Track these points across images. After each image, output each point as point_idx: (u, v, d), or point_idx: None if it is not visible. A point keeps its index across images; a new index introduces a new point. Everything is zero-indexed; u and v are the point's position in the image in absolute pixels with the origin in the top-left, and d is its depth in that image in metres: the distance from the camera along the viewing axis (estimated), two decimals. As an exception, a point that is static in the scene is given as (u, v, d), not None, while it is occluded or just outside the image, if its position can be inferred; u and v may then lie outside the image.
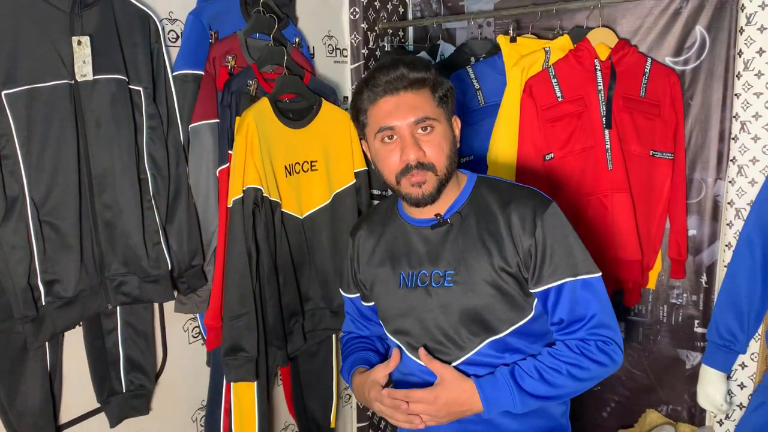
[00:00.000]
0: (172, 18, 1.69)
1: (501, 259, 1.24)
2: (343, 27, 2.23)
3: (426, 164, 1.23)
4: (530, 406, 1.23)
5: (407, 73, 1.23)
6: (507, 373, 1.23)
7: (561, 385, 1.22)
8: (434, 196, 1.25)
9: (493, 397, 1.22)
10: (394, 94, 1.24)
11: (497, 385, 1.22)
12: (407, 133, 1.23)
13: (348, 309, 1.57)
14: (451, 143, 1.27)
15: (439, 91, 1.26)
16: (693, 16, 1.92)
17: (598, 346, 1.23)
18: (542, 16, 2.03)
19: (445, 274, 1.28)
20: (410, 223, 1.35)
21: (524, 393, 1.21)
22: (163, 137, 1.59)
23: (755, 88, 1.72)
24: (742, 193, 1.76)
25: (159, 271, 1.55)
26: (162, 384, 1.77)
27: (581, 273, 1.24)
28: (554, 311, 1.25)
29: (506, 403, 1.21)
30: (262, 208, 1.69)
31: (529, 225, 1.23)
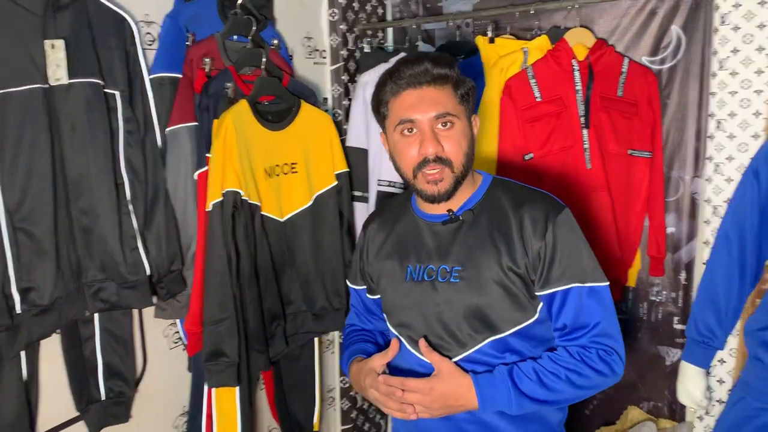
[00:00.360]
0: (148, 20, 1.68)
1: (509, 259, 1.24)
2: (322, 28, 2.23)
3: (444, 159, 1.23)
4: (525, 408, 1.22)
5: (431, 68, 1.24)
6: (505, 372, 1.22)
7: (559, 390, 1.22)
8: (450, 193, 1.26)
9: (489, 395, 1.21)
10: (417, 88, 1.24)
11: (494, 383, 1.22)
12: (427, 127, 1.23)
13: (353, 302, 1.57)
14: (470, 141, 1.28)
15: (461, 89, 1.27)
16: (669, 16, 1.94)
17: (600, 355, 1.23)
18: (520, 16, 2.03)
19: (452, 269, 1.28)
20: (422, 217, 1.35)
21: (521, 394, 1.21)
22: (140, 141, 1.57)
23: (730, 87, 1.74)
24: (719, 190, 1.78)
25: (137, 276, 1.54)
26: (142, 391, 1.75)
27: (589, 280, 1.24)
28: (558, 316, 1.25)
29: (502, 403, 1.21)
30: (241, 212, 1.68)
31: (540, 227, 1.23)
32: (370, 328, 1.55)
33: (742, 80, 1.72)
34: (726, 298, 1.65)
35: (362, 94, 2.18)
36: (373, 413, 2.60)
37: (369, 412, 2.57)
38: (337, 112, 2.27)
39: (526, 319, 1.26)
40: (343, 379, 2.41)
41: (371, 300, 1.49)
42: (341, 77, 2.25)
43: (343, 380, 2.41)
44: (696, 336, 1.69)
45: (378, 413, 2.63)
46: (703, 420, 1.90)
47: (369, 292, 1.48)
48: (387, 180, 2.15)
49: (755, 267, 1.65)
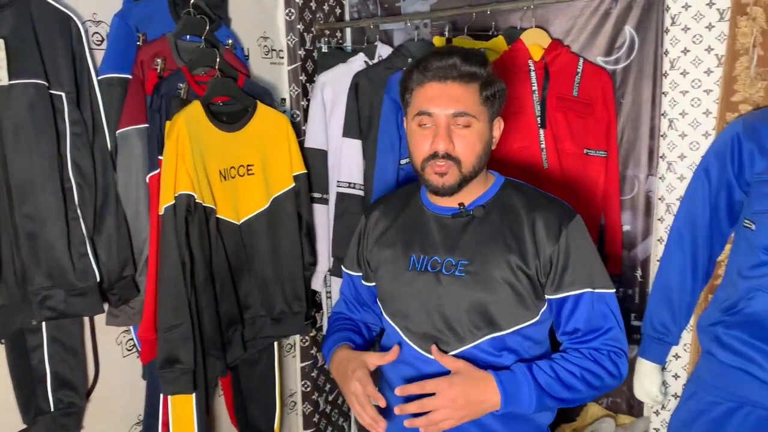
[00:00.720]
0: (96, 20, 1.63)
1: (520, 259, 1.25)
2: (278, 28, 2.20)
3: (453, 157, 1.23)
4: (545, 406, 1.21)
5: (460, 64, 1.23)
6: (524, 369, 1.21)
7: (576, 388, 1.22)
8: (454, 189, 1.26)
9: (512, 393, 1.18)
10: (442, 82, 1.24)
11: (516, 380, 1.20)
12: (443, 123, 1.23)
13: (344, 289, 1.56)
14: (485, 144, 1.28)
15: (488, 90, 1.26)
16: (622, 16, 1.96)
17: (611, 357, 1.25)
18: (477, 17, 2.04)
19: (458, 263, 1.28)
20: (431, 209, 1.35)
21: (542, 391, 1.20)
22: (88, 144, 1.53)
23: (681, 87, 1.77)
24: (672, 188, 1.81)
25: (87, 283, 1.49)
26: (94, 401, 1.70)
27: (599, 287, 1.26)
28: (569, 320, 1.27)
29: (524, 400, 1.19)
30: (195, 215, 1.64)
31: (554, 232, 1.24)
32: (357, 318, 1.54)
33: (693, 80, 1.76)
34: (679, 294, 1.68)
35: (321, 94, 2.16)
36: (335, 416, 2.58)
37: (332, 415, 2.55)
38: (295, 113, 2.24)
39: (527, 320, 1.27)
40: (305, 382, 2.38)
41: (365, 288, 1.48)
42: (299, 77, 2.23)
43: (305, 384, 2.39)
44: (651, 332, 1.72)
45: (341, 416, 2.61)
46: (659, 415, 1.93)
47: (364, 279, 1.47)
48: (346, 181, 2.14)
49: (707, 263, 1.67)
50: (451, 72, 1.23)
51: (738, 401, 1.50)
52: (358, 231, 1.49)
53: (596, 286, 1.26)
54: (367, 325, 1.55)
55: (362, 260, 1.46)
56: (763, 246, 1.44)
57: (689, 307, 1.70)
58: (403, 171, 2.09)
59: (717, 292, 1.63)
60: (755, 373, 1.45)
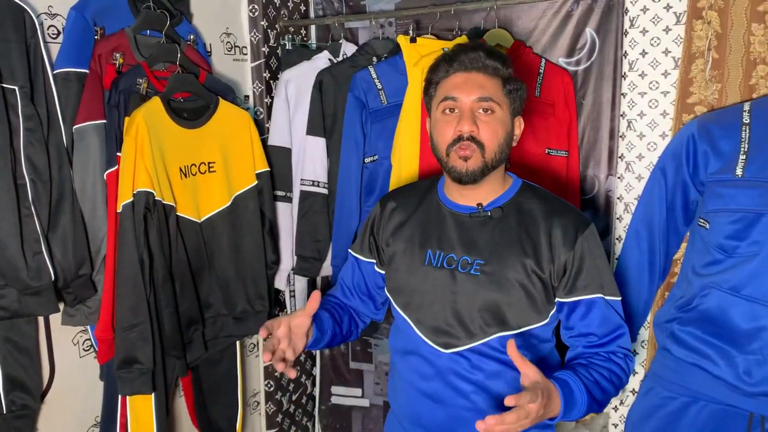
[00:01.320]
0: (51, 12, 1.59)
1: (535, 263, 1.27)
2: (242, 24, 2.18)
3: (477, 140, 1.25)
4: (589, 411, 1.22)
5: (484, 57, 1.28)
6: (572, 375, 1.21)
7: (608, 391, 1.26)
8: (476, 176, 1.27)
9: (570, 402, 1.17)
10: (467, 72, 1.28)
11: (571, 388, 1.19)
12: (467, 108, 1.26)
13: (344, 274, 1.56)
14: (507, 134, 1.30)
15: (510, 85, 1.30)
16: (583, 18, 1.99)
17: (626, 360, 1.30)
18: (441, 16, 2.05)
19: (473, 262, 1.30)
20: (448, 207, 1.37)
21: (590, 396, 1.21)
22: (43, 139, 1.48)
23: (639, 88, 1.81)
24: (630, 188, 1.85)
25: (40, 282, 1.45)
26: (49, 402, 1.65)
27: (608, 294, 1.30)
28: (583, 323, 1.30)
29: (576, 408, 1.18)
30: (154, 213, 1.62)
31: (570, 239, 1.27)
32: (351, 305, 1.54)
33: (651, 81, 1.79)
34: (637, 291, 1.71)
35: (284, 91, 2.15)
36: (299, 416, 2.57)
37: (295, 415, 2.54)
38: (258, 110, 2.22)
39: (537, 322, 1.30)
40: (268, 382, 2.37)
41: (378, 274, 1.49)
42: (263, 74, 2.21)
43: (268, 383, 2.37)
44: (609, 329, 1.75)
45: (305, 416, 2.60)
46: (618, 410, 1.96)
47: (378, 266, 1.49)
48: (310, 179, 2.13)
49: (664, 261, 1.72)
50: (476, 63, 1.28)
51: (692, 396, 1.53)
52: (371, 218, 1.50)
53: (607, 293, 1.30)
54: (355, 314, 1.54)
55: (375, 247, 1.48)
56: (717, 244, 1.48)
57: (646, 304, 1.73)
58: (368, 169, 2.09)
59: (673, 289, 1.67)
60: (708, 369, 1.49)
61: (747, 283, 1.42)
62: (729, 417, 1.48)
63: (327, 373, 2.53)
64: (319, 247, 2.16)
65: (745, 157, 1.46)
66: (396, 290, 1.41)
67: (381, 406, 2.47)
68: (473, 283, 1.29)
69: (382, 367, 2.44)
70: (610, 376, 1.26)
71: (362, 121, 2.04)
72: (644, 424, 1.63)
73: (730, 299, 1.45)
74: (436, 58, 1.36)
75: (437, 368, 1.33)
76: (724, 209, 1.47)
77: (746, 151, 1.46)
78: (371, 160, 2.10)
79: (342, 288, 1.56)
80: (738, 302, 1.43)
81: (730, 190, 1.46)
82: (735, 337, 1.44)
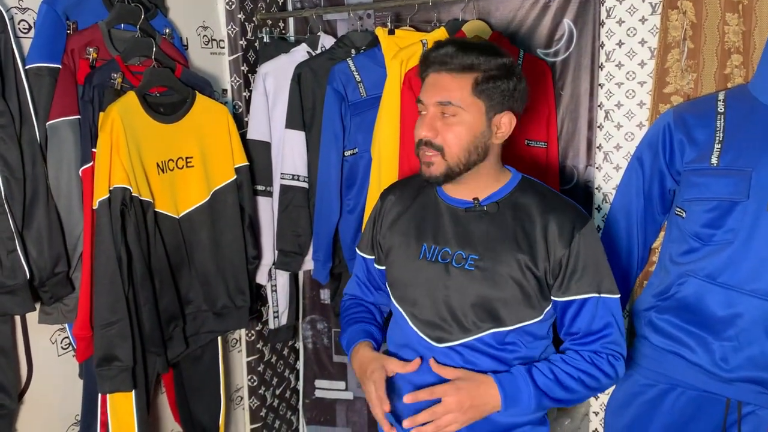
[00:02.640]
0: (22, 7, 1.56)
1: (530, 259, 1.26)
2: (218, 17, 2.15)
3: (435, 145, 1.25)
4: (543, 406, 1.25)
5: (455, 54, 1.24)
6: (524, 371, 1.25)
7: (573, 390, 1.26)
8: (439, 180, 1.28)
9: (512, 393, 1.23)
10: (437, 72, 1.27)
11: (516, 381, 1.24)
12: (430, 112, 1.27)
13: (357, 271, 1.57)
14: (476, 136, 1.26)
15: (487, 83, 1.23)
16: (561, 9, 1.99)
17: (609, 360, 1.29)
18: (420, 8, 2.04)
19: (468, 257, 1.29)
20: (445, 200, 1.36)
21: (540, 392, 1.24)
22: (15, 136, 1.47)
23: (617, 79, 1.82)
24: (608, 178, 1.86)
25: (15, 281, 1.44)
26: (28, 402, 1.64)
27: (605, 292, 1.29)
28: (573, 322, 1.30)
29: (523, 401, 1.23)
30: (131, 209, 1.60)
31: (566, 235, 1.26)
32: (370, 301, 1.55)
33: (627, 72, 1.80)
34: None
35: (263, 84, 2.13)
36: (283, 410, 2.56)
37: (279, 409, 2.54)
38: (237, 104, 2.20)
39: (531, 318, 1.30)
40: (251, 377, 2.36)
41: (378, 271, 1.49)
42: (240, 68, 2.19)
43: (251, 378, 2.36)
44: (589, 318, 1.76)
45: (289, 410, 2.60)
46: (598, 398, 1.98)
47: (376, 262, 1.49)
48: (290, 173, 2.12)
49: (642, 250, 1.73)
50: (444, 62, 1.25)
51: (670, 383, 1.55)
52: (373, 214, 1.49)
53: (602, 291, 1.29)
54: (379, 308, 1.57)
55: (374, 243, 1.48)
56: (693, 233, 1.50)
57: (625, 293, 1.74)
58: (348, 163, 2.08)
59: (651, 278, 1.68)
60: (686, 356, 1.51)
61: (722, 271, 1.44)
62: (706, 403, 1.51)
63: (310, 367, 2.53)
64: (300, 241, 2.15)
65: (720, 146, 1.47)
66: (392, 283, 1.42)
67: (364, 399, 2.47)
68: (466, 278, 1.29)
69: (366, 360, 2.44)
70: (579, 376, 1.27)
71: (341, 114, 2.04)
72: (623, 412, 1.65)
73: (706, 287, 1.46)
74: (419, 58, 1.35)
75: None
76: (699, 198, 1.48)
77: (721, 140, 1.47)
78: (351, 153, 2.09)
79: (359, 285, 1.57)
80: (714, 290, 1.45)
81: (706, 179, 1.47)
82: (711, 324, 1.46)
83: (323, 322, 2.48)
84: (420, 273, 1.34)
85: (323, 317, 2.47)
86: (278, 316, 2.30)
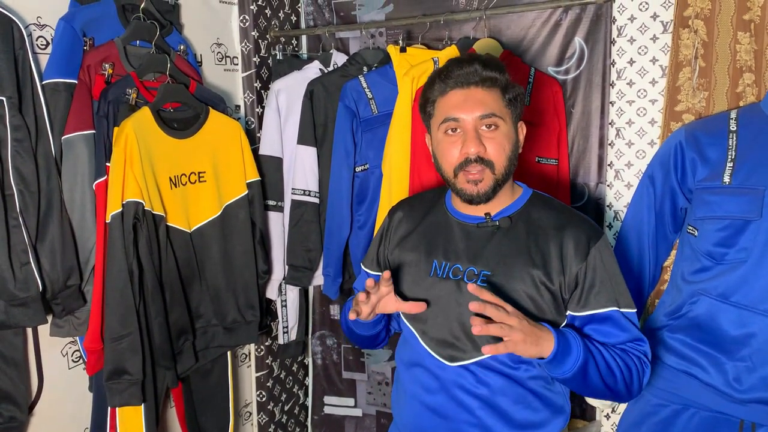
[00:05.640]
0: (40, 23, 1.59)
1: (544, 275, 1.24)
2: (232, 35, 2.18)
3: (485, 160, 1.23)
4: (585, 371, 1.18)
5: (480, 69, 1.25)
6: (575, 333, 1.21)
7: (612, 370, 1.21)
8: (489, 195, 1.26)
9: (563, 341, 1.16)
10: (465, 88, 1.25)
11: (566, 334, 1.19)
12: (471, 127, 1.24)
13: (356, 286, 1.55)
14: (513, 145, 1.28)
15: (509, 93, 1.27)
16: (572, 27, 2.00)
17: (641, 361, 1.26)
18: (431, 26, 2.06)
19: (480, 273, 1.27)
20: (455, 216, 1.34)
21: (588, 353, 1.19)
22: (31, 150, 1.48)
23: (628, 96, 1.82)
24: (620, 196, 1.85)
25: (28, 293, 1.45)
26: (39, 414, 1.64)
27: (624, 306, 1.26)
28: (597, 335, 1.26)
29: (571, 356, 1.17)
30: (143, 223, 1.61)
31: (582, 250, 1.24)
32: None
33: (639, 90, 1.80)
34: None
35: (275, 101, 2.15)
36: (292, 426, 2.55)
37: (288, 425, 2.53)
38: (250, 120, 2.23)
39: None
40: (260, 392, 2.36)
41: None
42: (254, 84, 2.21)
43: (260, 394, 2.36)
44: (600, 337, 1.75)
45: (297, 426, 2.59)
46: (609, 418, 1.96)
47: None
48: (301, 189, 2.13)
49: (653, 269, 1.72)
50: (473, 77, 1.25)
51: (683, 403, 1.53)
52: (381, 230, 1.48)
53: (622, 305, 1.26)
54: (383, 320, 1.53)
55: (382, 260, 1.46)
56: (706, 251, 1.49)
57: (637, 311, 1.73)
58: (359, 178, 2.09)
59: (663, 296, 1.67)
60: (699, 376, 1.49)
61: (736, 290, 1.43)
62: (719, 424, 1.48)
63: (320, 383, 2.52)
64: (310, 256, 2.16)
65: (732, 165, 1.46)
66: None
67: (374, 416, 2.46)
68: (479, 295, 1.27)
69: (375, 377, 2.43)
70: (619, 361, 1.22)
71: (353, 130, 2.05)
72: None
73: (719, 306, 1.45)
74: (430, 75, 1.33)
75: (442, 381, 1.30)
76: (711, 216, 1.47)
77: (733, 158, 1.47)
78: (362, 169, 2.10)
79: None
80: (727, 309, 1.44)
81: (718, 197, 1.47)
82: (724, 344, 1.44)
83: (333, 337, 2.47)
84: (431, 290, 1.31)
85: (333, 333, 2.47)
86: (288, 332, 2.30)
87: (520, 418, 1.28)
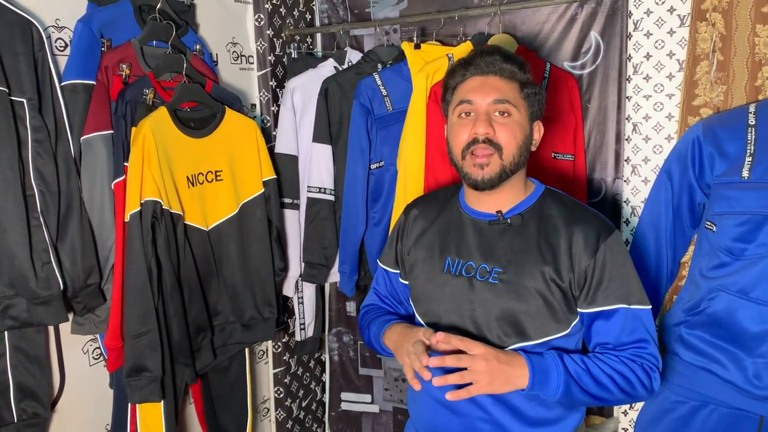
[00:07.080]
0: (59, 25, 1.61)
1: (554, 271, 1.24)
2: (248, 34, 2.19)
3: (494, 143, 1.24)
4: (571, 396, 1.19)
5: (501, 61, 1.28)
6: (554, 354, 1.21)
7: (605, 386, 1.21)
8: (494, 182, 1.25)
9: (540, 371, 1.17)
10: (483, 75, 1.28)
11: (545, 361, 1.20)
12: (483, 110, 1.26)
13: (377, 285, 1.56)
14: (526, 137, 1.29)
15: (527, 89, 1.29)
16: (588, 22, 1.98)
17: (644, 367, 1.24)
18: (445, 23, 2.06)
19: (492, 270, 1.28)
20: (468, 213, 1.35)
21: (570, 378, 1.19)
22: (51, 150, 1.51)
23: (644, 91, 1.80)
24: (637, 191, 1.84)
25: (50, 291, 1.47)
26: (61, 410, 1.67)
27: (634, 303, 1.25)
28: (599, 334, 1.26)
29: (551, 383, 1.18)
30: (162, 222, 1.63)
31: (591, 246, 1.23)
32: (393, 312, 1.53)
33: (655, 84, 1.79)
34: (644, 295, 1.70)
35: (290, 99, 2.16)
36: (309, 422, 2.57)
37: (305, 421, 2.54)
38: (265, 119, 2.24)
39: (558, 332, 1.26)
40: (278, 389, 2.37)
41: (402, 285, 1.48)
42: (269, 83, 2.23)
43: (278, 390, 2.37)
44: (617, 333, 1.74)
45: (315, 422, 2.60)
46: (627, 415, 1.95)
47: (402, 277, 1.48)
48: (317, 186, 2.14)
49: (671, 264, 1.70)
50: (492, 67, 1.28)
51: (702, 400, 1.52)
52: (397, 228, 1.49)
53: (632, 302, 1.24)
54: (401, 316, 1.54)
55: (399, 257, 1.47)
56: (724, 247, 1.47)
57: (655, 307, 1.72)
58: (374, 176, 2.09)
59: (680, 292, 1.66)
60: (717, 372, 1.48)
61: (755, 286, 1.41)
62: (739, 421, 1.47)
63: (336, 380, 2.53)
64: (326, 253, 2.17)
65: (752, 159, 1.45)
66: (416, 298, 1.40)
67: (390, 412, 2.47)
68: (491, 292, 1.27)
69: (392, 373, 2.44)
70: (612, 374, 1.21)
71: (368, 127, 2.05)
72: (654, 428, 1.62)
73: (738, 302, 1.44)
74: (452, 64, 1.35)
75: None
76: (730, 212, 1.46)
77: (752, 153, 1.45)
78: (377, 167, 2.11)
79: (379, 298, 1.55)
80: (746, 305, 1.42)
81: (736, 192, 1.45)
82: (744, 341, 1.43)
83: (349, 334, 2.48)
84: (444, 288, 1.32)
85: (349, 330, 2.48)
86: (305, 328, 2.32)
87: (533, 415, 1.28)
